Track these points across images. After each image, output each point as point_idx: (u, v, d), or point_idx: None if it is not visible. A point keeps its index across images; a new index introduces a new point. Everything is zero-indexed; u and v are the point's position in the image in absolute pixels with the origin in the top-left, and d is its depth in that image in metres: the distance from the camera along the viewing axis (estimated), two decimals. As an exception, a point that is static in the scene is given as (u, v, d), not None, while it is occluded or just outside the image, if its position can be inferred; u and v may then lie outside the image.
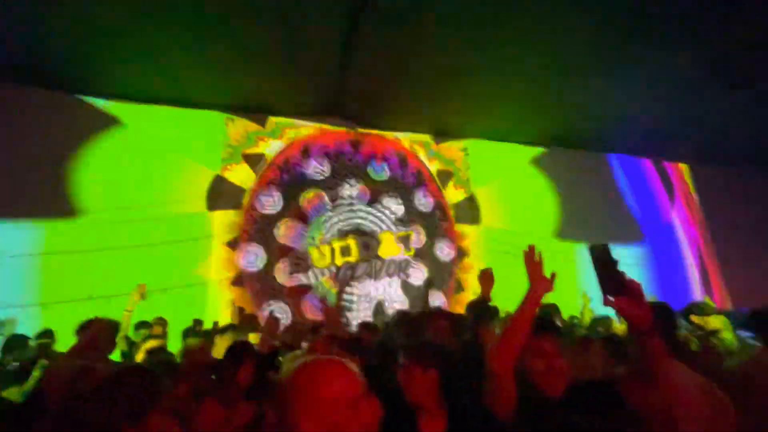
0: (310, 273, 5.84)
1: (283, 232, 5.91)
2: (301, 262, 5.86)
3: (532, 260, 1.45)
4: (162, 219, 5.24)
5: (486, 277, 2.40)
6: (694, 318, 2.75)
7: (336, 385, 0.74)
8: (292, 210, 6.04)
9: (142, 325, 3.80)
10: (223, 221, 5.69)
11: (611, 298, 1.28)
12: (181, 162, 5.64)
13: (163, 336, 3.65)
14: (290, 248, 5.88)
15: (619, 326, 3.51)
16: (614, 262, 1.33)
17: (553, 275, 1.43)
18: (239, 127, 6.13)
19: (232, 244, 5.64)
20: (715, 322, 2.66)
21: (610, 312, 2.56)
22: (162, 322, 3.88)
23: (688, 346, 2.53)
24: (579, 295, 4.56)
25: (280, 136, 6.32)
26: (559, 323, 3.36)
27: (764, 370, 1.69)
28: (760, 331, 1.93)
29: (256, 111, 6.18)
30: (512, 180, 7.18)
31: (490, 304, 2.40)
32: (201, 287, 5.28)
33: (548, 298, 1.55)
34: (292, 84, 5.60)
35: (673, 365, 1.84)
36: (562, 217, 6.91)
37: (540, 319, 1.41)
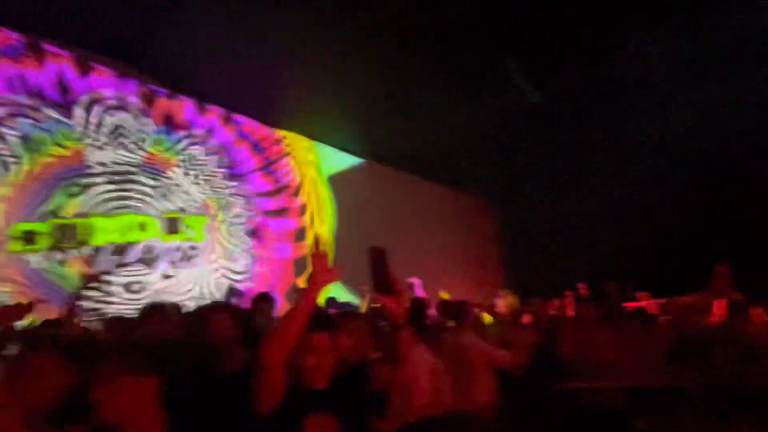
0: (47, 253, 4.43)
1: (13, 193, 4.32)
2: (34, 238, 4.39)
3: (316, 252, 1.42)
4: None
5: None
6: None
7: None
8: (31, 168, 4.46)
9: None
10: None
11: (381, 296, 1.49)
12: None
13: None
14: (18, 218, 4.34)
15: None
16: (387, 265, 1.53)
17: (336, 269, 1.45)
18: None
19: None
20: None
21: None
22: None
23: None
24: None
25: (21, 57, 4.53)
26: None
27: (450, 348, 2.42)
28: (448, 317, 2.76)
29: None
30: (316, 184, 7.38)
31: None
32: None
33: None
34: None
35: (417, 351, 2.27)
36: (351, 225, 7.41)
37: (317, 314, 1.48)
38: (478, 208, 9.99)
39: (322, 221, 7.17)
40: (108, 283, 4.70)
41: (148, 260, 5.10)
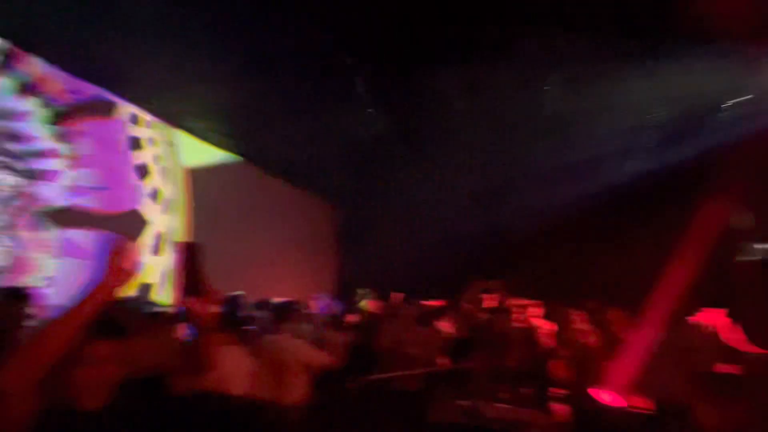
0: None
1: None
2: None
3: (116, 245, 1.16)
4: None
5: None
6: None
7: None
8: None
9: None
10: None
11: (187, 297, 1.35)
12: None
13: None
14: None
15: None
16: (198, 263, 1.41)
17: (133, 269, 1.23)
18: None
19: None
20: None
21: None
22: None
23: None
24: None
25: None
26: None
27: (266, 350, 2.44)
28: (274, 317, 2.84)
29: None
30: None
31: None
32: None
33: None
34: None
35: (232, 354, 2.15)
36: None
37: (105, 318, 1.25)
38: (321, 209, 10.24)
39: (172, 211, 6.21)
40: None
41: None
